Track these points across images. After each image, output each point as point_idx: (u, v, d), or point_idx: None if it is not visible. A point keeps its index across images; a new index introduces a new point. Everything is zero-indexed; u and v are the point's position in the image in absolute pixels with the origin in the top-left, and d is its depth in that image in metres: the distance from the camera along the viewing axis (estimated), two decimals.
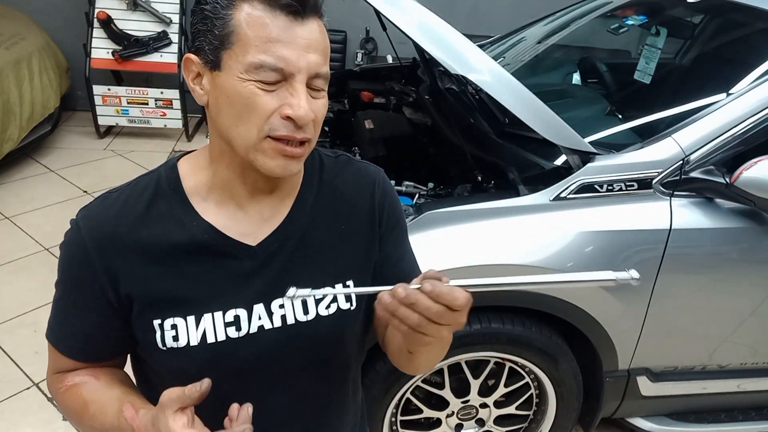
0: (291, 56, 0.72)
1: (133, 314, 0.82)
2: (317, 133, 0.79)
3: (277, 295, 0.85)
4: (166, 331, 0.81)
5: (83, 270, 0.81)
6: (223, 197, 0.83)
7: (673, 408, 2.02)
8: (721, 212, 1.67)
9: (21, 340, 2.41)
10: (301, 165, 0.80)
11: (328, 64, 0.78)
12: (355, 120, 2.46)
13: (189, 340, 0.81)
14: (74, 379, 0.86)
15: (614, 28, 2.64)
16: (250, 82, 0.73)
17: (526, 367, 1.81)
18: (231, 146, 0.78)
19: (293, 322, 0.86)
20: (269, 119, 0.74)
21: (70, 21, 4.29)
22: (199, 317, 0.82)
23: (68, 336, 0.85)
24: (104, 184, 3.62)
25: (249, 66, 0.73)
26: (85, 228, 0.81)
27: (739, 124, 1.64)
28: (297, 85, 0.74)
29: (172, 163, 0.87)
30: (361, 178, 0.94)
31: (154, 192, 0.83)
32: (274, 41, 0.72)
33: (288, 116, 0.73)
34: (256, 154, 0.76)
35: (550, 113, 1.59)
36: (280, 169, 0.77)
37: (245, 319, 0.83)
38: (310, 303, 0.87)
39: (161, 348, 0.82)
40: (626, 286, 1.66)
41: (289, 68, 0.73)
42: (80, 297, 0.83)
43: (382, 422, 1.79)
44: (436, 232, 1.59)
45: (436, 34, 1.56)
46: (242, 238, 0.83)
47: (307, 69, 0.74)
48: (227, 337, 0.82)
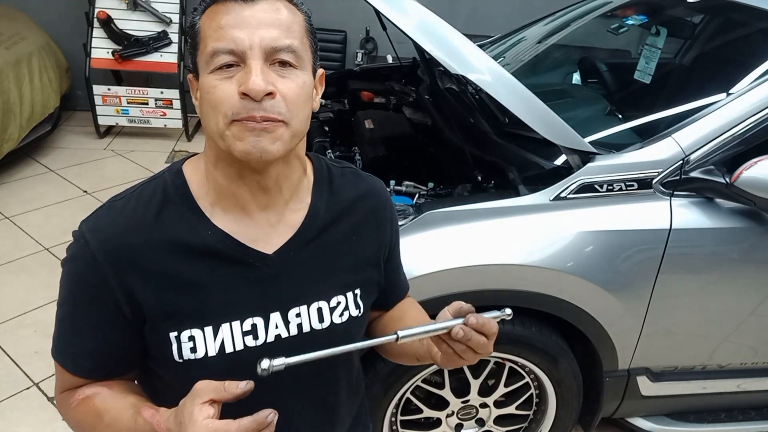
0: (240, 35, 0.73)
1: (146, 327, 0.80)
2: (295, 114, 0.76)
3: (292, 305, 0.85)
4: (183, 343, 0.79)
5: (95, 286, 0.78)
6: (228, 203, 0.82)
7: (673, 408, 2.02)
8: (721, 212, 1.67)
9: (21, 340, 2.41)
10: (279, 146, 0.75)
11: (297, 39, 0.76)
12: (355, 120, 2.46)
13: (207, 351, 0.80)
14: (86, 391, 0.84)
15: (614, 28, 2.64)
16: (211, 75, 0.74)
17: (526, 366, 1.81)
18: (217, 146, 0.78)
19: (309, 330, 0.86)
20: (231, 103, 0.73)
21: (70, 21, 4.28)
22: (217, 327, 0.80)
23: (79, 356, 0.83)
24: (104, 184, 3.62)
25: (207, 57, 0.74)
26: (94, 241, 0.78)
27: (739, 124, 1.64)
28: (250, 62, 0.73)
29: (177, 168, 0.85)
30: (369, 191, 0.95)
31: (162, 199, 0.81)
32: (224, 27, 0.73)
33: (243, 93, 0.72)
34: (228, 141, 0.75)
35: (550, 113, 1.59)
36: (251, 146, 0.73)
37: (262, 327, 0.83)
38: (324, 311, 0.87)
39: (177, 360, 0.80)
40: (626, 285, 1.67)
41: (240, 47, 0.73)
42: (91, 314, 0.80)
43: (382, 422, 1.79)
44: (436, 232, 1.59)
45: (436, 34, 1.56)
46: (254, 245, 0.82)
47: (260, 44, 0.73)
48: (245, 346, 0.82)
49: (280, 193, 0.84)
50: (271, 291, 0.83)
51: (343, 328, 0.89)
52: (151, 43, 3.99)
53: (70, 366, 0.83)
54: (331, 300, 0.88)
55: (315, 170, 0.91)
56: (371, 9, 1.64)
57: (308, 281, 0.86)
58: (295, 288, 0.85)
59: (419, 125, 2.37)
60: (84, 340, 0.82)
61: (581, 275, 1.61)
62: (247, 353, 0.81)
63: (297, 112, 0.76)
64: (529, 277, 1.60)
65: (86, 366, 0.83)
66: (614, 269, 1.64)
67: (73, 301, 0.81)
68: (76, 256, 0.79)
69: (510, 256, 1.59)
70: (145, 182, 0.85)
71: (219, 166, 0.81)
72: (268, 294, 0.83)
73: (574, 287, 1.62)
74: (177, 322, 0.79)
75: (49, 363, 0.89)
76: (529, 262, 1.59)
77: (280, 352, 0.81)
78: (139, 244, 0.78)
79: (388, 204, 0.98)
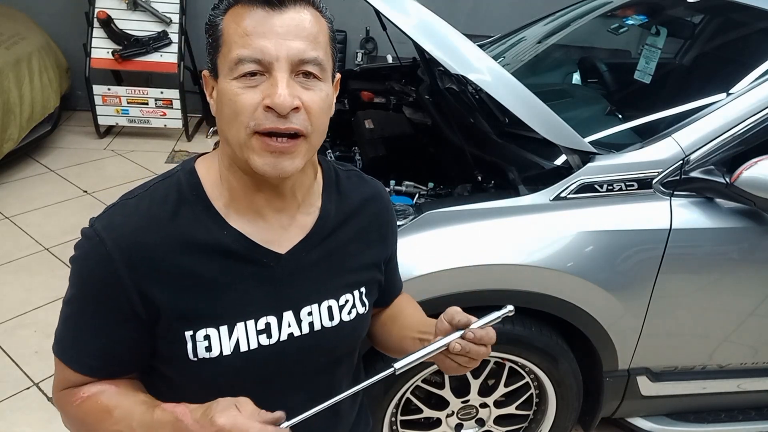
0: (268, 46, 0.72)
1: (159, 327, 0.80)
2: (316, 127, 0.77)
3: (304, 304, 0.86)
4: (198, 342, 0.80)
5: (107, 284, 0.77)
6: (242, 205, 0.83)
7: (673, 408, 2.02)
8: (721, 212, 1.67)
9: (21, 340, 2.41)
10: (297, 163, 0.77)
11: (322, 50, 0.76)
12: (355, 120, 2.46)
13: (222, 350, 0.80)
14: (91, 389, 0.83)
15: (614, 28, 2.64)
16: (234, 82, 0.73)
17: (526, 366, 1.81)
18: (234, 152, 0.78)
19: (320, 328, 0.87)
20: (254, 114, 0.73)
21: (70, 21, 4.28)
22: (232, 327, 0.81)
23: (86, 354, 0.82)
24: (104, 183, 3.62)
25: (231, 63, 0.73)
26: (109, 239, 0.77)
27: (739, 124, 1.64)
28: (277, 74, 0.72)
29: (190, 167, 0.84)
30: (374, 195, 0.97)
31: (177, 199, 0.81)
32: (251, 34, 0.72)
33: (268, 106, 0.72)
34: (248, 153, 0.75)
35: (550, 113, 1.59)
36: (269, 167, 0.75)
37: (275, 326, 0.84)
38: (334, 309, 0.89)
39: (191, 359, 0.80)
40: (626, 285, 1.67)
41: (267, 58, 0.72)
42: (101, 313, 0.80)
43: (382, 422, 1.79)
44: (436, 232, 1.59)
45: (436, 33, 1.56)
46: (268, 246, 0.83)
47: (287, 56, 0.73)
48: (259, 345, 0.82)
49: (294, 198, 0.85)
50: (284, 290, 0.84)
51: (351, 325, 0.90)
52: (151, 43, 3.99)
53: (74, 364, 0.82)
54: (340, 298, 0.89)
55: (324, 173, 0.92)
56: (371, 9, 1.64)
57: (319, 280, 0.87)
58: (306, 287, 0.86)
59: (419, 125, 2.37)
60: (91, 338, 0.81)
61: (581, 275, 1.61)
62: (260, 352, 0.82)
63: (318, 124, 0.77)
64: (529, 277, 1.61)
65: (91, 364, 0.82)
66: (614, 269, 1.64)
67: (83, 299, 0.81)
68: (88, 254, 0.79)
69: (510, 256, 1.59)
70: (157, 181, 0.84)
71: (234, 171, 0.81)
72: (282, 293, 0.84)
73: (574, 287, 1.62)
74: (192, 321, 0.79)
75: (49, 363, 0.88)
76: (529, 262, 1.59)
77: (291, 350, 0.84)
78: (155, 243, 0.78)
79: (390, 207, 1.00)
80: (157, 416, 0.75)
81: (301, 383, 0.89)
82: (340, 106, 2.67)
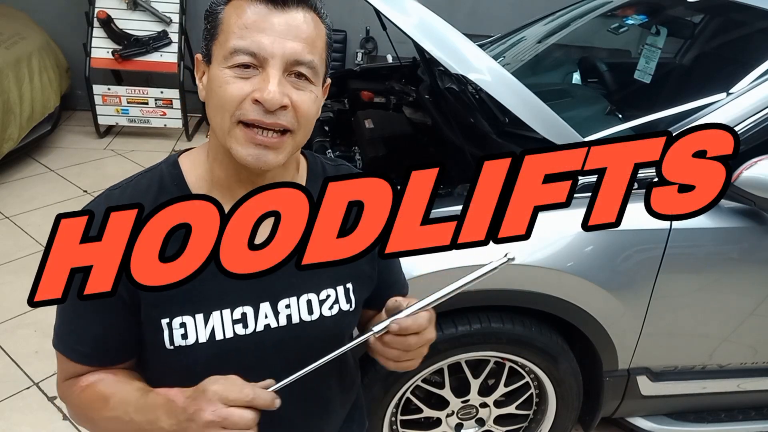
0: (265, 41, 0.73)
1: (142, 314, 0.82)
2: (303, 125, 0.78)
3: (282, 296, 0.86)
4: (175, 329, 0.81)
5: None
6: (223, 195, 0.83)
7: (673, 408, 2.02)
8: (721, 212, 1.67)
9: (21, 340, 2.41)
10: (281, 158, 0.78)
11: (318, 55, 0.78)
12: (355, 120, 2.46)
13: (198, 338, 0.82)
14: (89, 378, 0.86)
15: (614, 28, 2.65)
16: (227, 70, 0.75)
17: (526, 366, 1.81)
18: (218, 138, 0.79)
19: (298, 321, 0.87)
20: (241, 105, 0.74)
21: (70, 21, 4.28)
22: (208, 315, 0.82)
23: (80, 342, 0.84)
24: (104, 183, 3.60)
25: (227, 52, 0.74)
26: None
27: (739, 124, 1.64)
28: (270, 71, 0.74)
29: (173, 159, 0.87)
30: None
31: (158, 189, 0.83)
32: (251, 27, 0.74)
33: (256, 99, 0.73)
34: (230, 141, 0.76)
35: (550, 113, 1.59)
36: (252, 158, 0.76)
37: (252, 316, 0.84)
38: (314, 303, 0.88)
39: (168, 347, 0.82)
40: (626, 285, 1.67)
41: (263, 53, 0.73)
42: (92, 300, 0.82)
43: (382, 422, 1.79)
44: None
45: (436, 33, 1.56)
46: None
47: (283, 55, 0.74)
48: (235, 334, 0.83)
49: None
50: (262, 281, 0.83)
51: (332, 321, 0.90)
52: (151, 43, 3.99)
53: (70, 353, 0.85)
54: (320, 293, 0.89)
55: (309, 166, 0.93)
56: (371, 9, 1.64)
57: (298, 273, 0.85)
58: (285, 279, 0.85)
59: (419, 125, 2.37)
60: (85, 326, 0.84)
61: (581, 275, 1.61)
62: (236, 341, 0.83)
63: (305, 124, 0.78)
64: (529, 276, 1.60)
65: (86, 352, 0.85)
66: (614, 269, 1.63)
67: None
68: None
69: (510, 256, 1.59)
70: (141, 172, 0.87)
71: (217, 159, 0.83)
72: (259, 284, 0.83)
73: (574, 287, 1.62)
74: (169, 308, 0.81)
75: (49, 363, 0.89)
76: (529, 262, 1.58)
77: (268, 342, 0.84)
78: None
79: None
80: (151, 399, 0.78)
81: (281, 376, 0.89)
82: (340, 105, 2.67)
